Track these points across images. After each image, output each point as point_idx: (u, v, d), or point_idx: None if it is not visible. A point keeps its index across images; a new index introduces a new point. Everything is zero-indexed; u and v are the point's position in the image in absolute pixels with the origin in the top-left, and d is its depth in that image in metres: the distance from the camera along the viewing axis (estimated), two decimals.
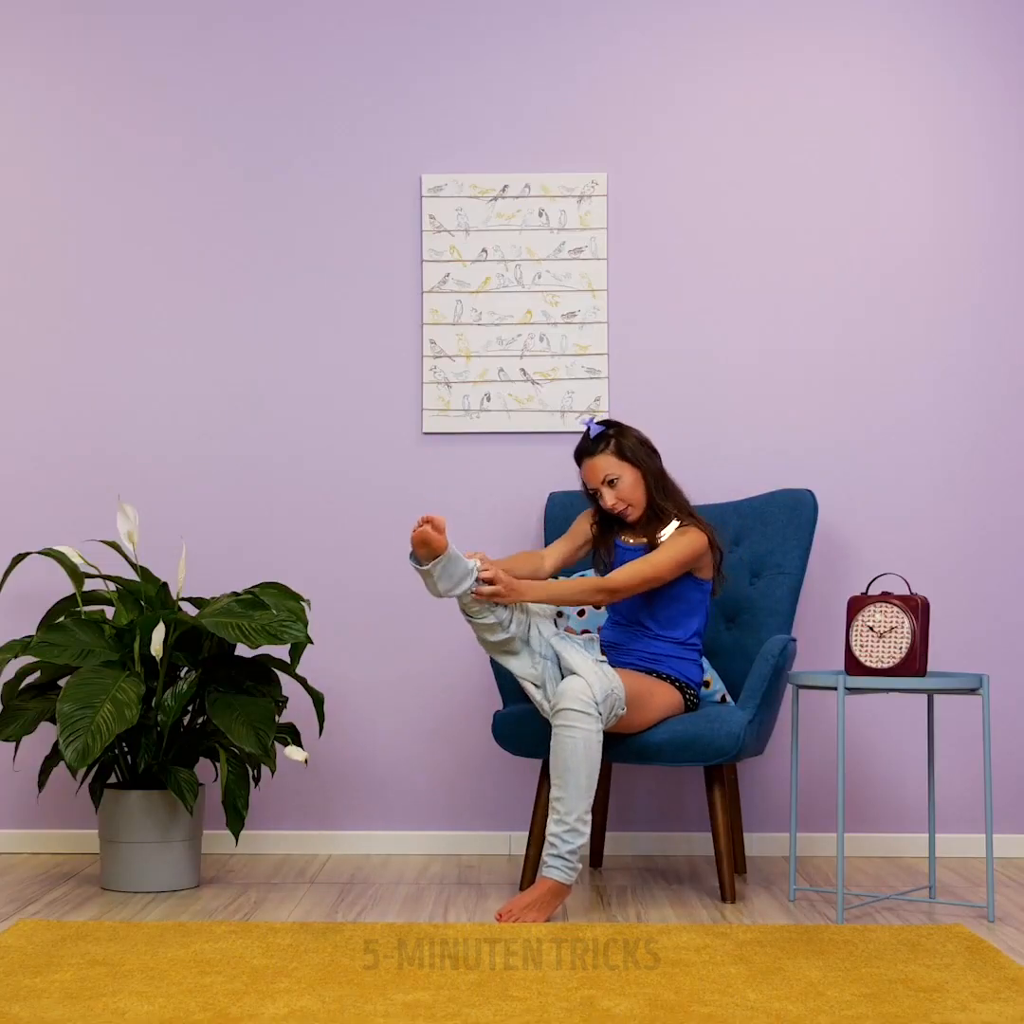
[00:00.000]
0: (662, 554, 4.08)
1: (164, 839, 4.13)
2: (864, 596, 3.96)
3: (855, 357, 4.79)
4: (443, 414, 4.78)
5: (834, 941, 3.51)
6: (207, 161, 4.83)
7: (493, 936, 3.53)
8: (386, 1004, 2.96)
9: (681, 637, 4.18)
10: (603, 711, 3.82)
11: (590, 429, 4.19)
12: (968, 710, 4.71)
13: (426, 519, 3.80)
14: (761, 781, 4.73)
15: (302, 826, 4.77)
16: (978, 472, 4.77)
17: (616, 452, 4.15)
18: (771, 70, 4.81)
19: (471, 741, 4.76)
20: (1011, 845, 4.70)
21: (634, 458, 4.15)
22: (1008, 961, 3.31)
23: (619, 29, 4.80)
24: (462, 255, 4.78)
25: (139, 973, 3.20)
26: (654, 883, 4.30)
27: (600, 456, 4.15)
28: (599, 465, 4.15)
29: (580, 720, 3.80)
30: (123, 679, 4.02)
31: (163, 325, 4.82)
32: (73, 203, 4.82)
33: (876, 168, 4.79)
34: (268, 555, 4.77)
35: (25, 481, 4.80)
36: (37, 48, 4.83)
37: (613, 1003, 2.98)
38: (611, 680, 3.86)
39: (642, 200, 4.80)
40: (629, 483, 4.15)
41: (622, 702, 3.89)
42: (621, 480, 4.14)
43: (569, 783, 3.81)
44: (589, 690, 3.80)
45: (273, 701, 4.23)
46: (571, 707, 3.80)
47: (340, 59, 4.82)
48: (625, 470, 4.15)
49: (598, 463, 4.16)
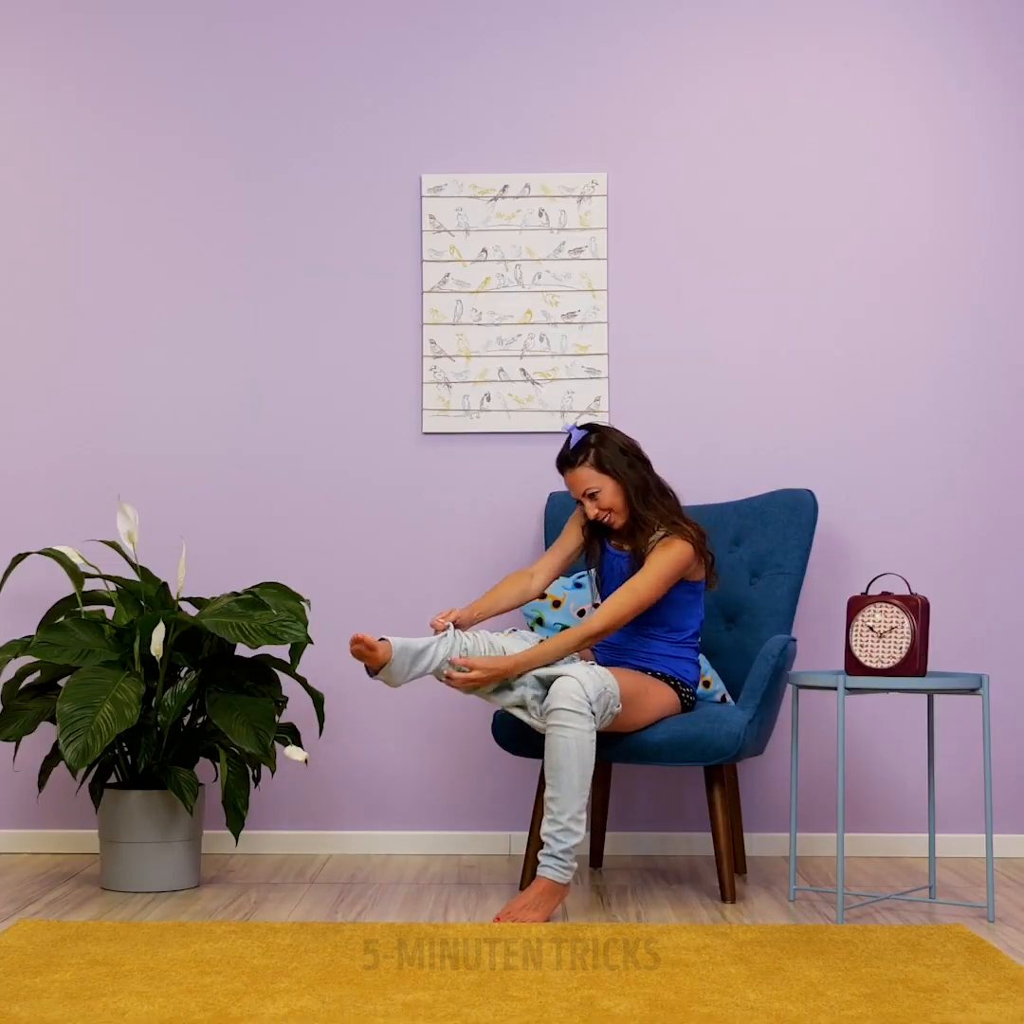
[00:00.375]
0: (645, 577, 4.02)
1: (164, 839, 4.13)
2: (864, 596, 3.96)
3: (855, 357, 4.79)
4: (443, 414, 4.78)
5: (834, 941, 3.51)
6: (207, 161, 4.83)
7: (493, 936, 3.53)
8: (386, 1004, 2.96)
9: (677, 636, 4.18)
10: (597, 710, 3.82)
11: (571, 436, 4.13)
12: (968, 710, 4.71)
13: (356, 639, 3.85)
14: (761, 781, 4.73)
15: (302, 826, 4.77)
16: (978, 472, 4.77)
17: (595, 464, 4.10)
18: (771, 70, 4.81)
19: (471, 741, 4.76)
20: (1011, 845, 4.70)
21: (613, 470, 4.10)
22: (1008, 961, 3.31)
23: (619, 29, 4.81)
24: (462, 255, 4.78)
25: (139, 973, 3.20)
26: (654, 883, 4.30)
27: (580, 468, 4.11)
28: (580, 477, 4.11)
29: (572, 720, 3.80)
30: (123, 679, 4.02)
31: (163, 325, 4.82)
32: (73, 203, 4.82)
33: (876, 168, 4.79)
34: (268, 555, 4.77)
35: (25, 481, 4.80)
36: (37, 48, 4.83)
37: (613, 1003, 2.98)
38: (604, 679, 3.86)
39: (642, 200, 4.80)
40: (609, 493, 4.10)
41: (617, 699, 3.89)
42: (601, 492, 4.10)
43: (562, 782, 3.81)
44: (582, 690, 3.80)
45: (273, 701, 4.23)
46: (563, 707, 3.80)
47: (340, 59, 4.82)
48: (605, 482, 4.10)
49: (578, 475, 4.11)
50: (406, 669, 3.91)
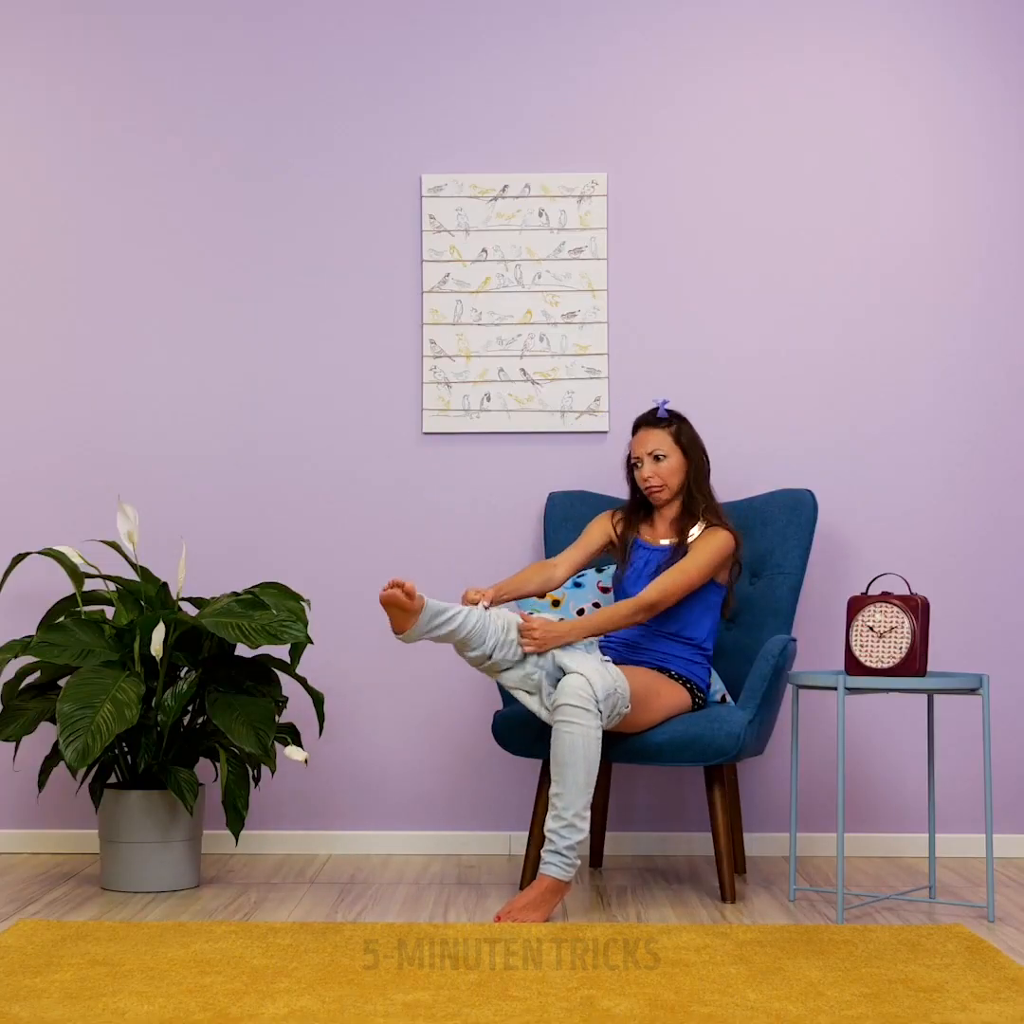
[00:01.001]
0: (693, 559, 4.13)
1: (164, 839, 4.13)
2: (864, 596, 3.96)
3: (855, 357, 4.79)
4: (443, 414, 4.78)
5: (834, 941, 3.51)
6: (207, 161, 4.83)
7: (493, 936, 3.53)
8: (386, 1004, 2.96)
9: (695, 639, 4.19)
10: (604, 708, 3.82)
11: (659, 408, 4.29)
12: (968, 710, 4.71)
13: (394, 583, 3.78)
14: (761, 781, 4.73)
15: (302, 826, 4.77)
16: (978, 472, 4.77)
17: (674, 435, 4.27)
18: (771, 70, 4.81)
19: (471, 741, 4.76)
20: (1011, 845, 4.70)
21: (687, 447, 4.26)
22: (1008, 961, 3.31)
23: (619, 29, 4.81)
24: (462, 255, 4.78)
25: (139, 973, 3.20)
26: (654, 883, 4.30)
27: (658, 430, 4.26)
28: (654, 437, 4.26)
29: (579, 716, 3.80)
30: (123, 679, 4.02)
31: (163, 325, 4.82)
32: (73, 203, 4.82)
33: (876, 168, 4.79)
34: (268, 555, 4.77)
35: (25, 481, 4.80)
36: (37, 48, 4.83)
37: (613, 1003, 2.98)
38: (615, 679, 3.86)
39: (642, 200, 4.80)
40: (672, 466, 4.25)
41: (626, 700, 3.89)
42: (667, 459, 4.24)
43: (567, 779, 3.80)
44: (589, 687, 3.80)
45: (273, 701, 4.23)
46: (570, 703, 3.80)
47: (340, 59, 4.82)
48: (675, 453, 4.25)
49: (654, 435, 4.26)
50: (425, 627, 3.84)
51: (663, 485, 4.25)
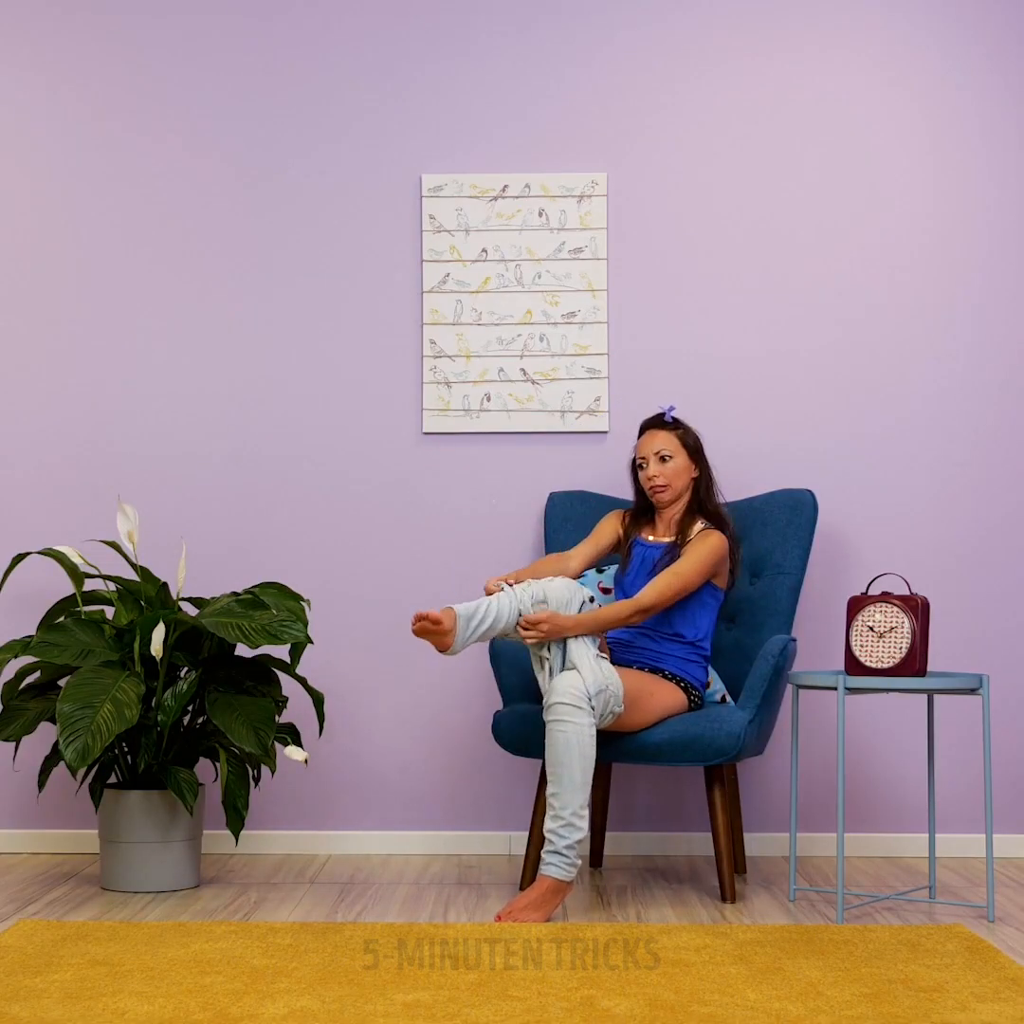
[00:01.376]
0: (687, 561, 4.14)
1: (164, 839, 4.13)
2: (864, 596, 3.96)
3: (855, 357, 4.79)
4: (443, 414, 4.78)
5: (834, 941, 3.51)
6: (207, 161, 4.83)
7: (493, 936, 3.53)
8: (386, 1004, 2.96)
9: (690, 637, 4.19)
10: (596, 705, 3.82)
11: (666, 413, 4.35)
12: (968, 710, 4.71)
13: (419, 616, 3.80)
14: (761, 781, 4.73)
15: (302, 826, 4.77)
16: (978, 472, 4.77)
17: (680, 438, 4.32)
18: (771, 70, 4.81)
19: (471, 741, 4.76)
20: (1011, 845, 4.70)
21: (692, 450, 4.32)
22: (1008, 961, 3.31)
23: (619, 29, 4.81)
24: (462, 255, 4.78)
25: (139, 973, 3.20)
26: (654, 883, 4.30)
27: (665, 432, 4.32)
28: (662, 438, 4.31)
29: (571, 714, 3.80)
30: (123, 679, 4.02)
31: (163, 325, 4.82)
32: (73, 203, 4.82)
33: (876, 168, 4.79)
34: (268, 555, 4.77)
35: (25, 481, 4.80)
36: (37, 48, 4.83)
37: (613, 1003, 2.98)
38: (608, 677, 3.86)
39: (642, 200, 4.80)
40: (677, 467, 4.29)
41: (618, 700, 3.89)
42: (673, 460, 4.29)
43: (563, 778, 3.81)
44: (582, 684, 3.80)
45: (273, 701, 4.23)
46: (562, 701, 3.81)
47: (340, 59, 4.82)
48: (681, 455, 4.31)
49: (662, 436, 4.32)
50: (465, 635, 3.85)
51: (667, 485, 4.27)
